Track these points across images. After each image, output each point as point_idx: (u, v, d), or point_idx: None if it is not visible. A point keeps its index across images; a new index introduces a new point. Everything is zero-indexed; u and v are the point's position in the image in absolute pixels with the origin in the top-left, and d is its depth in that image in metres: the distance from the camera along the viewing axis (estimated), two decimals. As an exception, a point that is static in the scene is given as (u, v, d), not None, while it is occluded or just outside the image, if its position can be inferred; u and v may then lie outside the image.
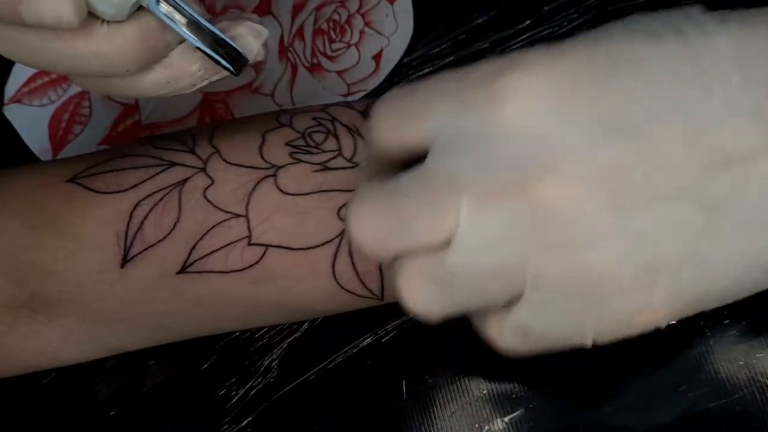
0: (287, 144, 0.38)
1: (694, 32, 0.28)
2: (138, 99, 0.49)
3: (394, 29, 0.50)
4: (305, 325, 0.44)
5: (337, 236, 0.37)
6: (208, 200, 0.37)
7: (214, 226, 0.37)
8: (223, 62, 0.32)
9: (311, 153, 0.38)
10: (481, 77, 0.28)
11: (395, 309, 0.43)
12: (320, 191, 0.37)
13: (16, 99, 0.49)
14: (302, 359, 0.43)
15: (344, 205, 0.37)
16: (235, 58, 0.32)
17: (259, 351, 0.43)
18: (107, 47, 0.30)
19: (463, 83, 0.29)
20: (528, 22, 0.48)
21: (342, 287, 0.38)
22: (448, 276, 0.29)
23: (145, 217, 0.37)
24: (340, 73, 0.50)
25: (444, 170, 0.28)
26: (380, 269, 0.37)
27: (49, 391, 0.44)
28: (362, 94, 0.49)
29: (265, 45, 0.33)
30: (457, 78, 0.29)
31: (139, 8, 0.30)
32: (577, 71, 0.28)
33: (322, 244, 0.37)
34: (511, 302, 0.29)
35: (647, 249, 0.28)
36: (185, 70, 0.33)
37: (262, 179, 0.37)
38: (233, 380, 0.43)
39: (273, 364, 0.43)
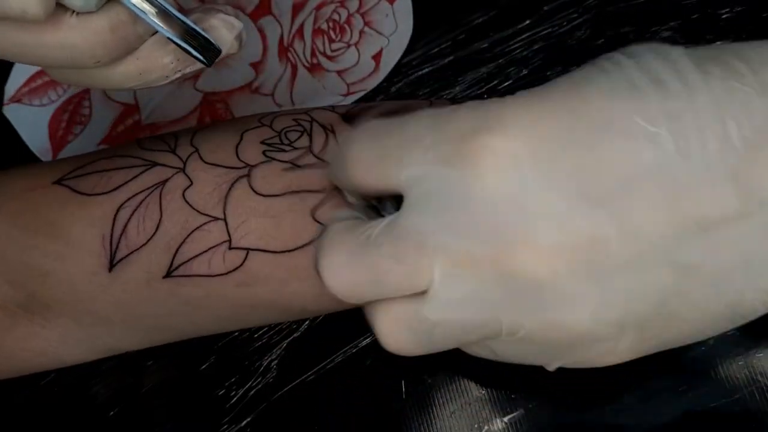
0: (262, 142, 0.39)
1: (675, 85, 0.27)
2: (138, 99, 0.49)
3: (394, 29, 0.50)
4: (305, 325, 0.44)
5: (314, 238, 0.37)
6: (187, 202, 0.37)
7: (194, 230, 0.37)
8: (195, 53, 0.32)
9: (283, 151, 0.38)
10: (459, 133, 0.28)
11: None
12: (291, 192, 0.37)
13: (16, 99, 0.49)
14: (301, 359, 0.43)
15: (318, 205, 0.37)
16: (207, 49, 0.32)
17: (259, 351, 0.43)
18: (76, 39, 0.30)
19: (440, 134, 0.29)
20: (527, 22, 0.48)
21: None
22: (425, 325, 0.29)
23: (129, 220, 0.37)
24: (339, 73, 0.50)
25: (417, 228, 0.28)
26: None
27: (49, 391, 0.44)
28: (362, 93, 0.49)
29: (238, 37, 0.33)
30: (435, 127, 0.29)
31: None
32: (556, 135, 0.27)
33: (302, 246, 0.37)
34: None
35: (618, 309, 0.28)
36: (157, 62, 0.33)
37: (236, 180, 0.37)
38: (232, 380, 0.43)
39: (272, 364, 0.43)
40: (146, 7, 0.30)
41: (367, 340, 0.42)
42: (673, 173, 0.26)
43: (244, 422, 0.42)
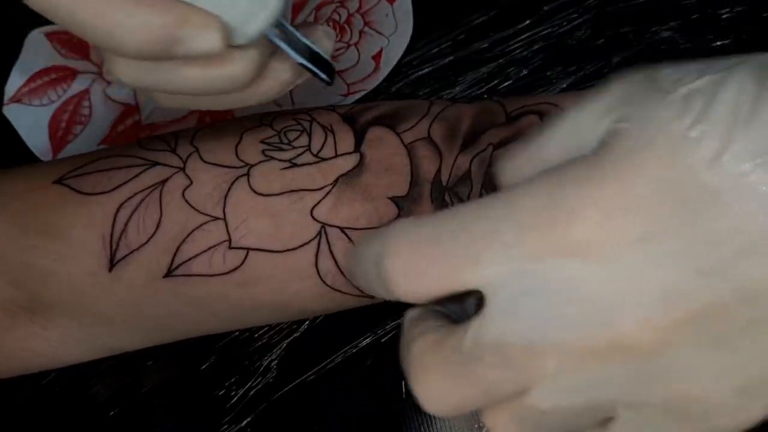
0: (262, 142, 0.39)
1: None
2: (138, 99, 0.49)
3: (394, 29, 0.50)
4: (305, 325, 0.44)
5: (314, 237, 0.37)
6: (187, 201, 0.37)
7: (194, 230, 0.37)
8: (320, 73, 0.35)
9: (282, 150, 0.39)
10: (545, 224, 0.25)
11: (394, 309, 0.43)
12: (290, 191, 0.37)
13: (16, 99, 0.49)
14: (301, 359, 0.43)
15: (317, 204, 0.37)
16: (327, 67, 0.35)
17: (259, 351, 0.43)
18: (237, 70, 0.32)
19: (521, 228, 0.26)
20: (527, 22, 0.48)
21: (329, 286, 0.38)
22: (534, 414, 0.27)
23: (129, 220, 0.37)
24: (340, 72, 0.50)
25: (519, 331, 0.26)
26: None
27: (49, 391, 0.44)
28: (362, 93, 0.49)
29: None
30: (511, 218, 0.26)
31: None
32: (657, 213, 0.25)
33: (302, 246, 0.37)
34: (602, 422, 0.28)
35: (743, 373, 0.26)
36: (280, 79, 0.34)
37: (236, 179, 0.38)
38: (233, 380, 0.43)
39: (272, 364, 0.43)
40: (282, 36, 0.33)
41: (367, 340, 0.42)
42: None
43: (245, 422, 0.42)
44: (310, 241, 0.37)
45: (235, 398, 0.43)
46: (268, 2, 0.31)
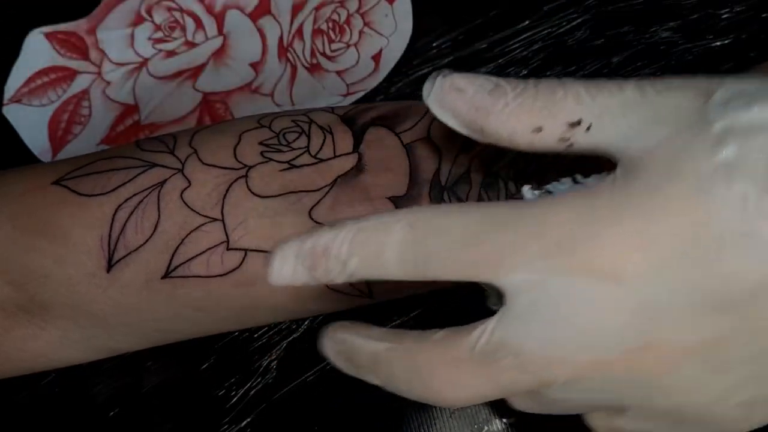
0: (260, 143, 0.39)
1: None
2: (138, 99, 0.49)
3: (394, 29, 0.49)
4: (304, 325, 0.44)
5: None
6: (185, 203, 0.37)
7: (192, 231, 0.37)
8: None
9: (281, 151, 0.38)
10: (570, 242, 0.26)
11: (394, 309, 0.43)
12: (288, 192, 0.37)
13: (16, 99, 0.49)
14: (301, 359, 0.43)
15: (315, 205, 0.37)
16: None
17: (258, 351, 0.43)
18: None
19: (547, 242, 0.26)
20: (527, 22, 0.48)
21: (328, 287, 0.38)
22: (547, 399, 0.29)
23: (127, 221, 0.37)
24: (339, 73, 0.50)
25: (538, 341, 0.27)
26: None
27: (49, 391, 0.44)
28: (362, 94, 0.49)
29: None
30: (539, 233, 0.27)
31: None
32: (676, 248, 0.25)
33: None
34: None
35: (746, 392, 0.27)
36: None
37: (234, 181, 0.37)
38: (232, 381, 0.43)
39: (272, 364, 0.43)
40: None
41: (367, 341, 0.42)
42: None
43: (244, 422, 0.42)
44: None
45: (235, 398, 0.43)
46: None
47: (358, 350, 0.30)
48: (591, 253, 0.26)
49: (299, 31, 0.50)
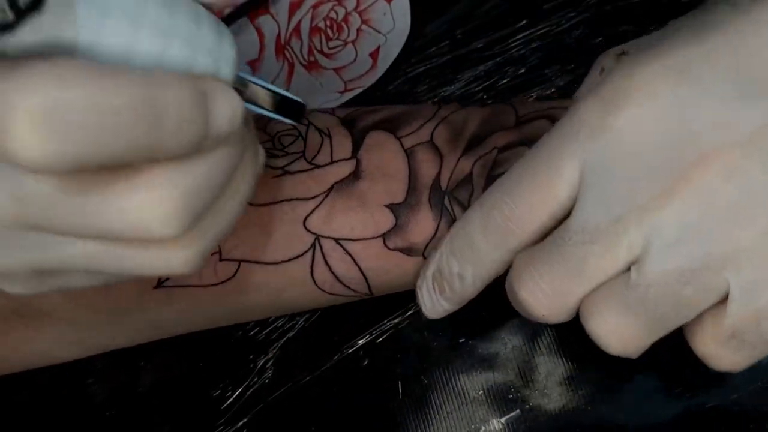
0: None
1: None
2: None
3: (392, 27, 0.49)
4: (300, 325, 0.44)
5: (308, 249, 0.37)
6: None
7: None
8: (288, 120, 0.31)
9: (276, 156, 0.38)
10: (595, 112, 0.28)
11: (390, 309, 0.43)
12: (282, 201, 0.37)
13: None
14: (297, 360, 0.43)
15: (310, 214, 0.37)
16: (296, 108, 0.31)
17: (254, 351, 0.43)
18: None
19: (588, 114, 0.29)
20: (525, 21, 0.48)
21: (327, 292, 0.38)
22: (640, 295, 0.28)
23: None
24: (337, 70, 0.49)
25: (605, 210, 0.28)
26: (362, 272, 0.37)
27: (47, 391, 0.44)
28: (359, 91, 0.49)
29: None
30: (583, 118, 0.29)
31: None
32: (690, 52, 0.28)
33: (296, 258, 0.37)
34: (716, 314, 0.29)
35: None
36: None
37: None
38: (228, 381, 0.43)
39: (268, 364, 0.43)
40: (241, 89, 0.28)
41: (363, 341, 0.42)
42: None
43: (240, 423, 0.42)
44: (303, 253, 0.37)
45: (231, 399, 0.43)
46: (228, 57, 0.26)
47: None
48: (618, 96, 0.28)
49: (297, 29, 0.50)
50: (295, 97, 0.31)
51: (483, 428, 0.40)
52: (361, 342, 0.42)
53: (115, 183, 0.23)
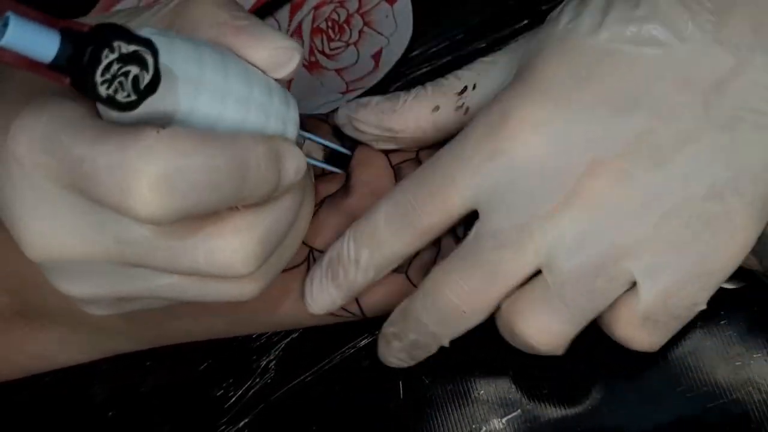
0: None
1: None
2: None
3: (394, 29, 0.49)
4: (303, 326, 0.44)
5: (303, 261, 0.37)
6: None
7: None
8: (337, 170, 0.38)
9: None
10: (486, 137, 0.32)
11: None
12: None
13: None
14: (299, 360, 0.43)
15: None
16: (343, 159, 0.38)
17: (257, 352, 0.43)
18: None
19: (479, 145, 0.32)
20: (525, 22, 0.48)
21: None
22: (558, 292, 0.31)
23: None
24: (338, 71, 0.49)
25: (510, 218, 0.31)
26: None
27: (49, 391, 0.44)
28: (361, 91, 0.49)
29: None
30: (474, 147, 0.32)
31: None
32: (564, 88, 0.31)
33: (292, 269, 0.37)
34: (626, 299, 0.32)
35: (711, 174, 0.31)
36: None
37: None
38: (230, 381, 0.43)
39: (270, 364, 0.43)
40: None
41: (365, 341, 0.42)
42: (677, 58, 0.31)
43: (242, 423, 0.42)
44: (299, 264, 0.37)
45: (233, 399, 0.43)
46: (293, 120, 0.31)
47: None
48: (504, 140, 0.32)
49: (298, 30, 0.50)
50: (342, 149, 0.37)
51: (484, 428, 0.40)
52: (362, 343, 0.42)
53: (203, 228, 0.27)
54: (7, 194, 0.27)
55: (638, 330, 0.32)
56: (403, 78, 0.49)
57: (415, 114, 0.37)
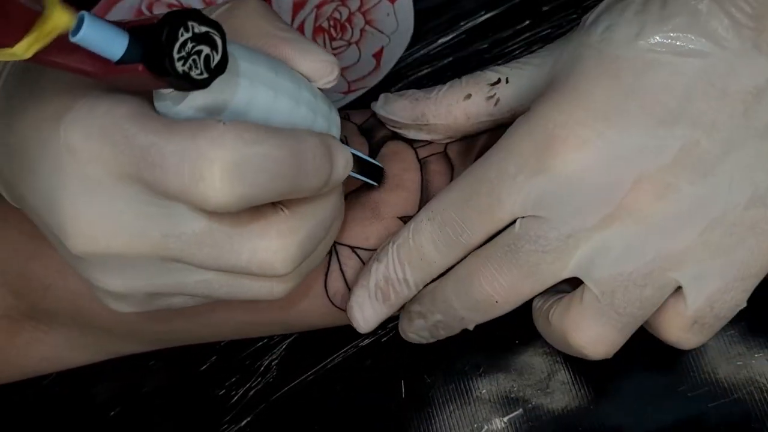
0: None
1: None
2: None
3: (395, 28, 0.49)
4: (304, 326, 0.44)
5: (326, 254, 0.37)
6: None
7: None
8: (371, 181, 0.38)
9: None
10: (532, 155, 0.32)
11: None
12: None
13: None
14: (301, 359, 0.43)
15: None
16: (377, 171, 0.38)
17: (259, 351, 0.43)
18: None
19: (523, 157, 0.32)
20: (527, 22, 0.48)
21: (336, 306, 0.38)
22: (609, 302, 0.32)
23: None
24: (340, 70, 0.49)
25: (554, 229, 0.32)
26: None
27: (50, 391, 0.44)
28: (363, 91, 0.49)
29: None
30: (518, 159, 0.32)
31: None
32: (608, 104, 0.31)
33: None
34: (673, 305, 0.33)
35: (751, 184, 0.31)
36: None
37: None
38: (233, 380, 0.43)
39: (272, 364, 0.43)
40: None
41: (367, 340, 0.43)
42: (716, 67, 0.30)
43: (244, 422, 0.42)
44: None
45: (235, 398, 0.43)
46: (336, 122, 0.32)
47: None
48: (552, 150, 0.32)
49: (300, 29, 0.50)
50: (376, 162, 0.38)
51: (486, 427, 0.40)
52: (364, 342, 0.43)
53: (249, 227, 0.28)
54: (54, 185, 0.27)
55: (687, 333, 0.33)
56: (404, 79, 0.49)
57: (447, 100, 0.37)
